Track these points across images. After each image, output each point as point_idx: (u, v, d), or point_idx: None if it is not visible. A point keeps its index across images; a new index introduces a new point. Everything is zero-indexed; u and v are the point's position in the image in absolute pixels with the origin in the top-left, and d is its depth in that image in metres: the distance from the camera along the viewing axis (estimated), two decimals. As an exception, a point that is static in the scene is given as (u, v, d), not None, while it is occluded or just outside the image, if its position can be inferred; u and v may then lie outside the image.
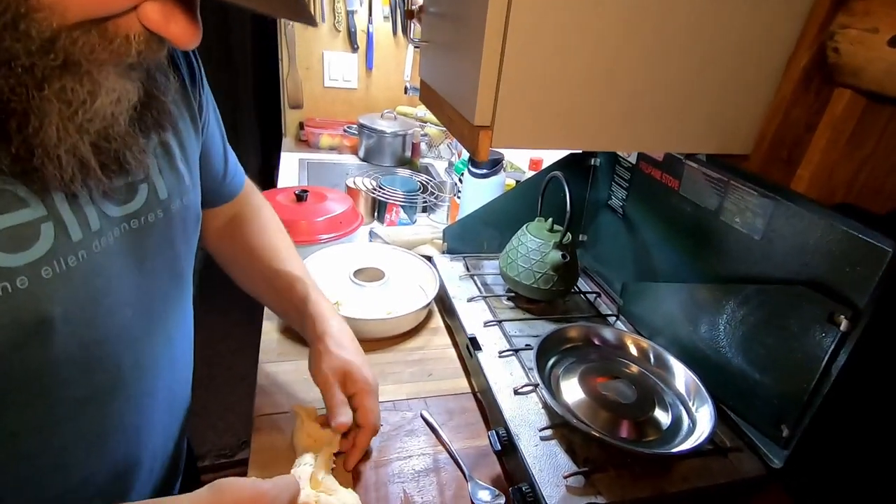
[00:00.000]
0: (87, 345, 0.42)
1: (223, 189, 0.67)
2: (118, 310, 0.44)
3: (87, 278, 0.40)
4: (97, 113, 0.36)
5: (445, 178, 1.50)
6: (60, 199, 0.38)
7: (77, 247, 0.39)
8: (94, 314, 0.42)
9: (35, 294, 0.36)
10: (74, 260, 0.39)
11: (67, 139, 0.35)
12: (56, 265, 0.38)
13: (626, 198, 0.87)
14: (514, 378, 0.68)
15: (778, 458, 0.58)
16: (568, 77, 0.53)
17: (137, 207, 0.45)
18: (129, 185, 0.44)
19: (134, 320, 0.46)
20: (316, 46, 1.75)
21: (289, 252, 0.69)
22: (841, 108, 0.59)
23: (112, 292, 0.43)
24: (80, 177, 0.37)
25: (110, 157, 0.40)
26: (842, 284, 0.50)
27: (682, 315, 0.71)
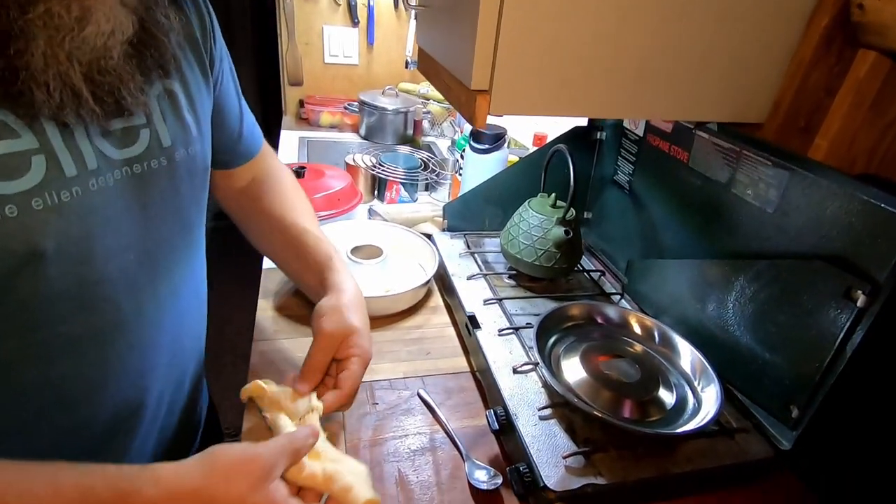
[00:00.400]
0: (84, 284, 0.42)
1: (239, 148, 0.65)
2: (118, 252, 0.44)
3: (82, 215, 0.40)
4: (86, 41, 0.36)
5: (448, 156, 1.47)
6: (53, 132, 0.38)
7: (71, 182, 0.39)
8: (91, 253, 0.41)
9: (25, 224, 0.36)
10: (68, 195, 0.39)
11: (55, 65, 0.35)
12: (48, 198, 0.37)
13: (632, 172, 0.84)
14: (513, 357, 0.66)
15: (787, 440, 0.56)
16: (571, 38, 0.50)
17: (139, 152, 0.45)
18: (130, 129, 0.44)
19: (136, 265, 0.46)
20: (315, 21, 1.71)
21: (310, 216, 0.68)
22: (865, 70, 0.55)
23: (110, 234, 0.43)
24: (73, 106, 0.37)
25: (104, 91, 0.39)
26: (860, 258, 0.48)
27: (689, 293, 0.68)
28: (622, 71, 0.53)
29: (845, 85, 0.57)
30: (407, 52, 1.78)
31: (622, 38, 0.51)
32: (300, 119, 1.77)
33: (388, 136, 1.58)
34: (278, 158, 0.74)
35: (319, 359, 0.54)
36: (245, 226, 0.69)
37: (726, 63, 0.56)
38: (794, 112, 0.60)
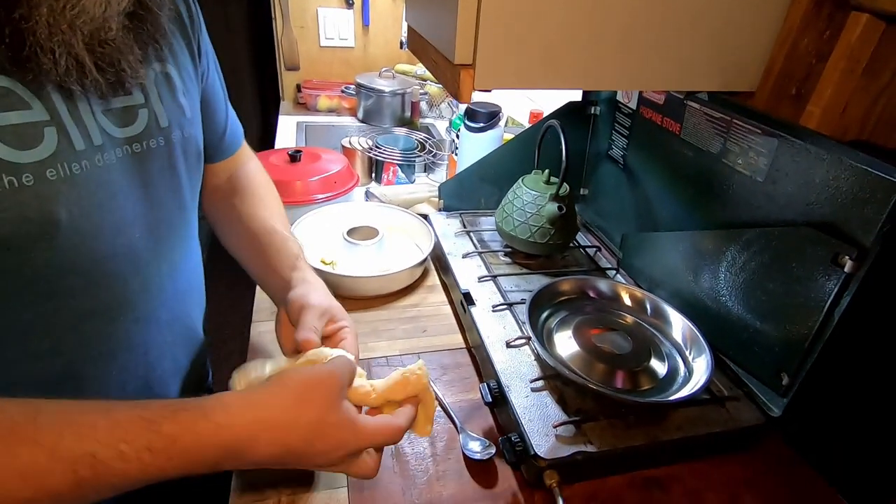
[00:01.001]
0: (94, 259, 0.43)
1: (222, 144, 0.66)
2: (125, 228, 0.46)
3: (92, 188, 0.41)
4: (86, 10, 0.37)
5: (446, 137, 1.46)
6: (62, 105, 0.39)
7: (80, 156, 0.40)
8: (100, 227, 0.43)
9: (40, 193, 0.38)
10: (78, 168, 0.40)
11: (58, 34, 0.36)
12: (60, 169, 0.39)
13: (626, 147, 0.83)
14: (506, 332, 0.67)
15: (777, 407, 0.56)
16: (552, 8, 0.49)
17: (139, 131, 0.46)
18: (130, 109, 0.45)
19: (140, 242, 0.48)
20: (310, 3, 1.69)
21: (280, 216, 0.67)
22: (857, 33, 0.54)
23: (117, 209, 0.44)
24: (77, 75, 0.38)
25: (105, 61, 0.40)
26: (848, 223, 0.48)
27: (682, 265, 0.68)
28: (607, 40, 0.52)
29: (837, 50, 0.56)
30: (403, 32, 1.77)
31: (605, 6, 0.50)
32: (298, 104, 1.76)
33: (386, 119, 1.57)
34: (255, 157, 0.73)
35: (314, 322, 0.50)
36: (215, 222, 0.68)
37: (715, 30, 0.55)
38: (786, 79, 0.59)
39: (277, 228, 0.63)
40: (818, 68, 0.57)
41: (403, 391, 0.47)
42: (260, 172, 0.72)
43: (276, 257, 0.60)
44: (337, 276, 0.79)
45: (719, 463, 0.57)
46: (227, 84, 0.66)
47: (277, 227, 0.63)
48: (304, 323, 0.50)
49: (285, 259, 0.59)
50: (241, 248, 0.64)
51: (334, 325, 0.53)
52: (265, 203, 0.67)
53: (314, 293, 0.54)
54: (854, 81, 0.56)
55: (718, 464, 0.57)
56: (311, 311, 0.51)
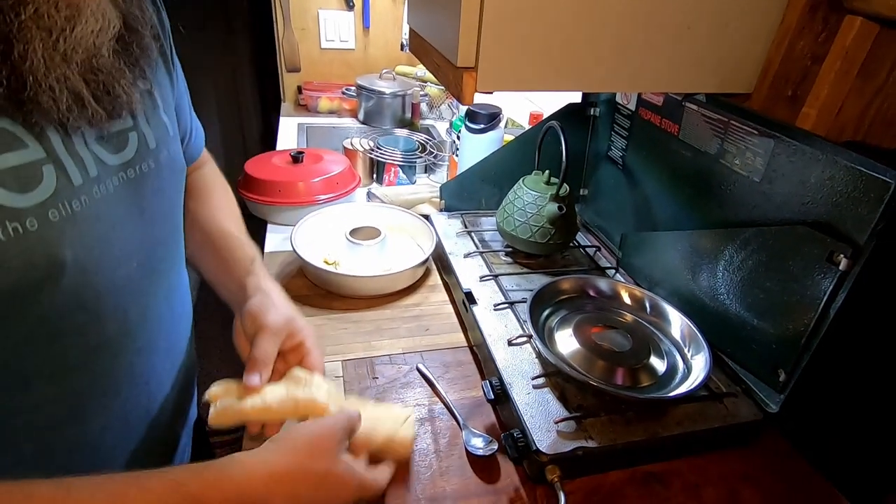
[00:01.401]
0: (99, 293, 0.42)
1: (187, 151, 0.63)
2: (124, 260, 0.45)
3: (92, 223, 0.41)
4: (79, 41, 0.37)
5: (446, 138, 1.47)
6: (57, 140, 0.38)
7: (79, 191, 0.39)
8: (103, 261, 0.42)
9: (45, 237, 0.37)
10: (78, 204, 0.39)
11: (55, 68, 0.36)
12: (62, 208, 0.38)
13: (625, 147, 0.84)
14: (508, 330, 0.68)
15: (774, 403, 0.57)
16: (555, 12, 0.50)
17: (131, 156, 0.45)
18: (119, 134, 0.44)
19: (139, 272, 0.47)
20: (310, 5, 1.70)
21: (235, 220, 0.65)
22: (851, 36, 0.55)
23: (117, 240, 0.44)
24: (77, 109, 0.38)
25: (101, 89, 0.40)
26: (843, 222, 0.49)
27: (680, 264, 0.69)
28: (606, 43, 0.53)
29: (832, 52, 0.57)
30: (403, 34, 1.78)
31: (605, 10, 0.51)
32: (299, 105, 1.77)
33: (387, 120, 1.58)
34: (212, 161, 0.72)
35: (268, 349, 0.50)
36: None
37: (712, 33, 0.56)
38: (782, 81, 0.60)
39: (232, 231, 0.61)
40: (814, 70, 0.58)
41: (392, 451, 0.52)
42: (216, 175, 0.70)
43: (230, 261, 0.59)
44: (340, 276, 0.79)
45: (718, 458, 0.58)
46: (227, 86, 0.67)
47: (232, 229, 0.62)
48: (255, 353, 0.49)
49: (240, 262, 0.58)
50: (195, 251, 0.62)
51: (294, 341, 0.52)
52: (220, 206, 0.65)
53: (270, 309, 0.52)
54: (849, 83, 0.57)
55: (717, 459, 0.58)
56: (265, 333, 0.50)
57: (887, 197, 0.44)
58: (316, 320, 0.76)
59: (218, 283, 0.60)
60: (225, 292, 0.59)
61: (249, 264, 0.57)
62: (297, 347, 0.53)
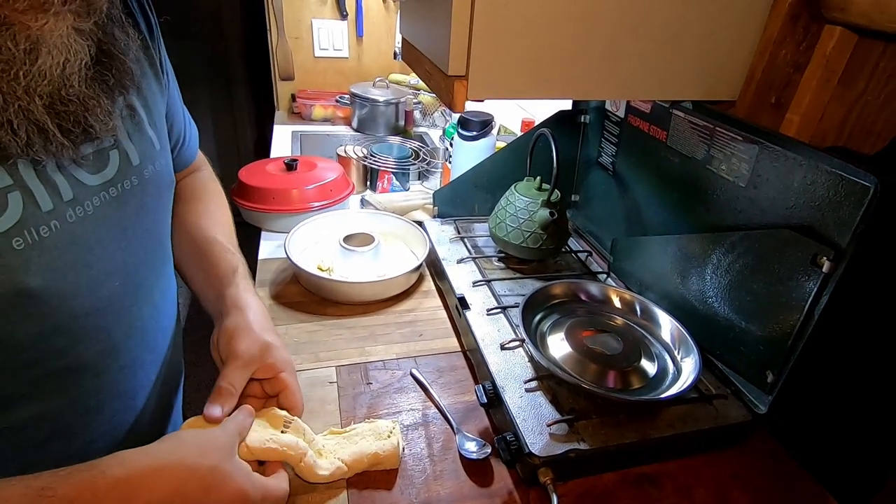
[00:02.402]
0: (76, 316, 0.42)
1: (180, 156, 0.64)
2: (105, 280, 0.44)
3: (64, 249, 0.39)
4: (42, 74, 0.35)
5: (439, 145, 1.48)
6: (26, 167, 0.37)
7: (48, 217, 0.38)
8: (79, 285, 0.41)
9: (8, 265, 0.36)
10: (47, 230, 0.38)
11: (14, 101, 0.34)
12: (27, 235, 0.37)
13: (615, 154, 0.85)
14: (501, 334, 0.68)
15: (763, 404, 0.58)
16: (543, 22, 0.52)
17: (112, 175, 0.44)
18: (100, 153, 0.43)
19: (121, 290, 0.46)
20: (304, 14, 1.71)
21: (224, 227, 0.63)
22: (831, 45, 0.57)
23: (96, 262, 0.42)
24: (40, 142, 0.36)
25: (70, 121, 0.38)
26: (826, 226, 0.50)
27: (670, 268, 0.70)
28: (594, 51, 0.55)
29: (813, 60, 0.59)
30: (396, 43, 1.79)
31: (593, 19, 0.53)
32: (293, 113, 1.78)
33: (380, 128, 1.59)
34: (207, 165, 0.71)
35: (235, 380, 0.47)
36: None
37: (697, 42, 0.58)
38: (765, 88, 0.61)
39: (218, 239, 0.59)
40: (796, 78, 0.60)
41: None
42: (210, 180, 0.69)
43: (212, 269, 0.57)
44: (334, 283, 0.80)
45: (708, 459, 0.59)
46: (222, 94, 0.67)
47: (218, 237, 0.60)
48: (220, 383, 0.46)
49: (222, 272, 0.56)
50: (181, 257, 0.61)
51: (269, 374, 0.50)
52: (209, 212, 0.64)
53: (244, 335, 0.49)
54: (830, 91, 0.59)
55: (708, 460, 0.59)
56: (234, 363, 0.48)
57: (867, 200, 0.45)
58: (310, 326, 0.76)
59: (199, 293, 0.58)
60: (206, 302, 0.57)
61: (231, 275, 0.55)
62: (273, 380, 0.51)
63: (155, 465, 0.38)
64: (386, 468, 0.54)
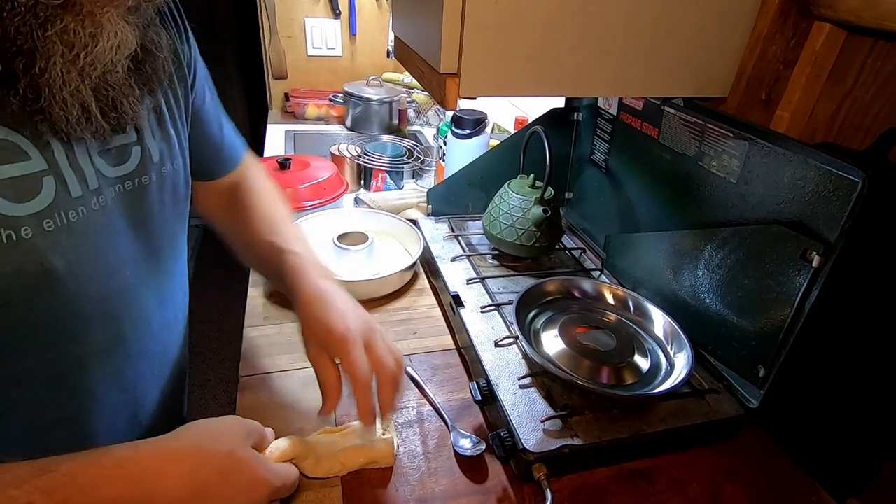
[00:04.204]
0: (91, 301, 0.43)
1: (220, 159, 0.65)
2: (119, 268, 0.46)
3: (88, 234, 0.41)
4: (98, 58, 0.38)
5: (433, 143, 1.48)
6: (60, 153, 0.39)
7: (77, 203, 0.40)
8: (96, 270, 0.43)
9: (38, 245, 0.38)
10: (75, 215, 0.40)
11: (71, 82, 0.37)
12: (58, 218, 0.39)
13: (608, 151, 0.86)
14: (495, 332, 0.69)
15: (755, 398, 0.59)
16: (535, 19, 0.52)
17: (131, 169, 0.46)
18: (124, 147, 0.45)
19: (132, 279, 0.48)
20: (297, 13, 1.71)
21: (281, 221, 0.64)
22: (820, 42, 0.57)
23: (112, 251, 0.44)
24: (84, 123, 0.39)
25: (109, 104, 0.40)
26: (815, 221, 0.50)
27: (663, 264, 0.71)
28: (586, 49, 0.55)
29: (802, 57, 0.59)
30: (389, 41, 1.79)
31: (585, 17, 0.53)
32: (286, 112, 1.77)
33: (374, 127, 1.59)
34: (261, 167, 0.72)
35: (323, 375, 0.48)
36: (226, 236, 0.67)
37: (688, 39, 0.58)
38: (755, 85, 0.62)
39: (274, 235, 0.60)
40: (786, 74, 0.60)
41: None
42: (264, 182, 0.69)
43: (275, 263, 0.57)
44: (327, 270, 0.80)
45: (701, 454, 0.59)
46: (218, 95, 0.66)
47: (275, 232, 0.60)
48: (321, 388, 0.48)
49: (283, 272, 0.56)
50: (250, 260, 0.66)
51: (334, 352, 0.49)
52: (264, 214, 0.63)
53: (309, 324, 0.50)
54: (820, 87, 0.59)
55: (701, 455, 0.59)
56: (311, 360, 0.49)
57: (855, 195, 0.45)
58: (304, 325, 0.76)
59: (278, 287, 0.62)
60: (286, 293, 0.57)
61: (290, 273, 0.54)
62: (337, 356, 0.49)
63: (167, 448, 0.38)
64: (381, 466, 0.55)
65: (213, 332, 2.14)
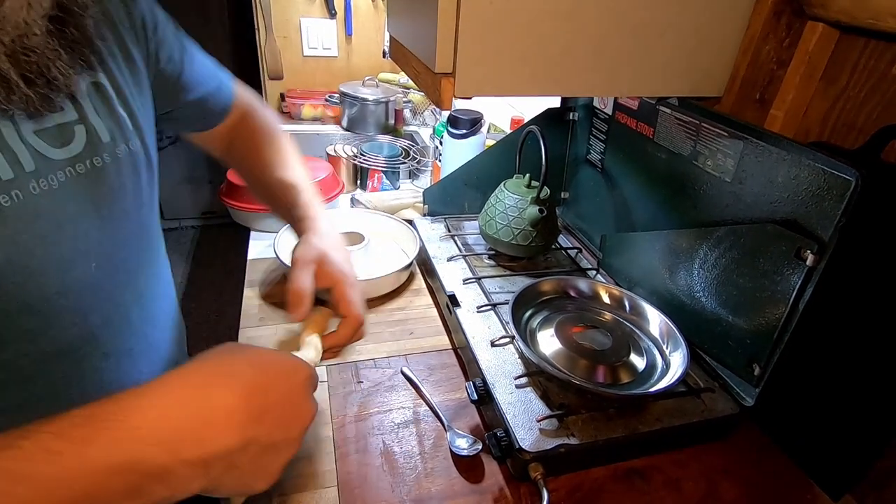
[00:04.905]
0: (46, 297, 0.40)
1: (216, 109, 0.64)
2: (78, 259, 0.42)
3: (28, 221, 0.38)
4: (7, 18, 0.34)
5: (430, 143, 1.48)
6: None
7: (9, 186, 0.36)
8: (47, 262, 0.39)
9: None
10: (7, 200, 0.36)
11: None
12: None
13: (604, 151, 0.86)
14: (491, 332, 0.69)
15: (750, 397, 0.59)
16: (530, 18, 0.52)
17: (79, 150, 0.42)
18: (64, 126, 0.41)
19: (98, 273, 0.44)
20: (292, 13, 1.70)
21: (286, 156, 0.68)
22: (814, 41, 0.57)
23: (67, 239, 0.41)
24: (3, 93, 0.35)
25: (34, 71, 0.36)
26: (809, 220, 0.50)
27: (658, 263, 0.71)
28: (581, 49, 0.55)
29: (796, 57, 0.59)
30: (385, 42, 1.79)
31: (579, 17, 0.53)
32: (282, 113, 1.76)
33: (371, 127, 1.59)
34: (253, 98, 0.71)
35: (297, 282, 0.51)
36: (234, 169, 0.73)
37: (682, 39, 0.58)
38: (750, 85, 0.62)
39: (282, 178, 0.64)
40: (779, 74, 0.61)
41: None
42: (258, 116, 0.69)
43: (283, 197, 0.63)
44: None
45: (697, 452, 0.59)
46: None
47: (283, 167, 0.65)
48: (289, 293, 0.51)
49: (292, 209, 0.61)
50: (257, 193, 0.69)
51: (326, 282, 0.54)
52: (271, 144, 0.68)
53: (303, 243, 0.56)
54: (813, 86, 0.60)
55: (696, 453, 0.59)
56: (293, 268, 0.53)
57: (849, 194, 0.45)
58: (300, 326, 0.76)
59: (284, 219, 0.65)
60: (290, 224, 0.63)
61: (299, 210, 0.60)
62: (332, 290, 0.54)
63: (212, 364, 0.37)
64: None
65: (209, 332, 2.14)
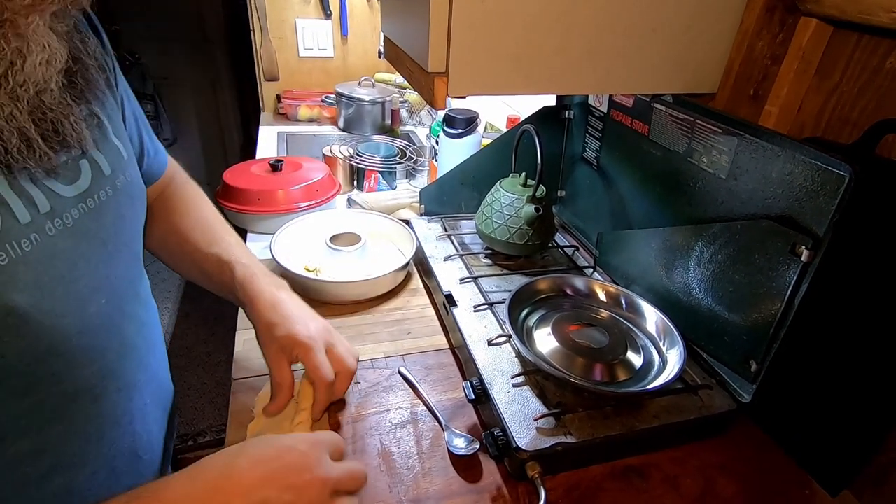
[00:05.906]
0: (68, 336, 0.40)
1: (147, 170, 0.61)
2: (91, 296, 0.42)
3: (48, 263, 0.38)
4: (29, 76, 0.35)
5: (426, 143, 1.48)
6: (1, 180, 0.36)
7: (28, 229, 0.37)
8: (67, 302, 0.40)
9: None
10: (28, 244, 0.37)
11: (3, 107, 0.34)
12: (10, 250, 0.35)
13: (599, 148, 0.86)
14: (488, 331, 0.68)
15: (747, 393, 0.59)
16: (522, 17, 0.52)
17: (87, 186, 0.42)
18: (70, 163, 0.41)
19: (108, 307, 0.44)
20: (288, 14, 1.70)
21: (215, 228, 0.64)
22: (807, 37, 0.57)
23: (80, 277, 0.41)
24: (25, 151, 0.36)
25: (50, 129, 0.38)
26: (804, 215, 0.50)
27: (654, 261, 0.71)
28: (574, 47, 0.55)
29: (790, 52, 0.59)
30: (380, 42, 1.79)
31: (572, 15, 0.53)
32: (278, 114, 1.77)
33: (367, 127, 1.59)
34: (183, 171, 0.70)
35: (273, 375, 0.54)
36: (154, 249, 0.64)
37: (676, 36, 0.58)
38: (744, 81, 0.62)
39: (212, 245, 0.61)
40: (773, 70, 0.61)
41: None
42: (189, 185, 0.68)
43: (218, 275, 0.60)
44: (321, 283, 0.79)
45: (695, 449, 0.59)
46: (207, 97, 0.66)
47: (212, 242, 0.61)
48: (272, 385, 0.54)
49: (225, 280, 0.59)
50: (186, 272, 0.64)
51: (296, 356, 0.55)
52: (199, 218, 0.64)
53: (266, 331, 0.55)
54: (807, 82, 0.60)
55: (694, 450, 0.59)
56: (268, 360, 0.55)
57: (843, 189, 0.45)
58: (297, 327, 0.76)
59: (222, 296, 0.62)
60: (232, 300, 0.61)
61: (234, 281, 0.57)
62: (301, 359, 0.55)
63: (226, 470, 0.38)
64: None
65: (208, 336, 2.14)
